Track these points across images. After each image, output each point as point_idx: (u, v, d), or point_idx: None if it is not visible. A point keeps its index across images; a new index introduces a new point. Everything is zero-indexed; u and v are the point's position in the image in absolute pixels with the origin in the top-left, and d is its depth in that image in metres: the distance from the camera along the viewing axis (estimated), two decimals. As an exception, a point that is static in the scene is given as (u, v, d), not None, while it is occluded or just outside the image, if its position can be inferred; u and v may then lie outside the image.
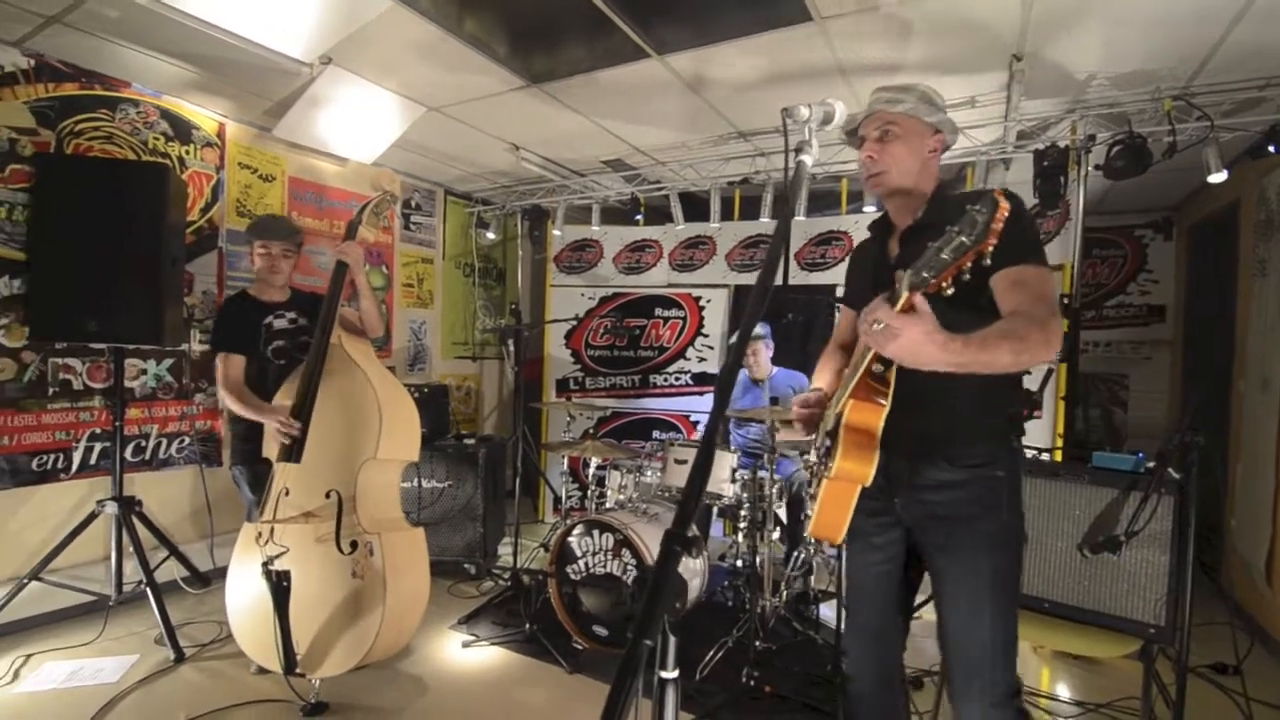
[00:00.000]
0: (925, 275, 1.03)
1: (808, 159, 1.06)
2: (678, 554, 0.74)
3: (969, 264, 0.96)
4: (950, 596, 1.44)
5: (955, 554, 1.43)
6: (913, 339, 1.08)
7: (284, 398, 2.51)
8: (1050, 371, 3.30)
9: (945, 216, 1.41)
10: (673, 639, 0.75)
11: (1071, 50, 2.76)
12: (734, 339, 0.89)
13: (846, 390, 1.35)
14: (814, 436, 1.63)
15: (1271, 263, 3.26)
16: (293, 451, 2.35)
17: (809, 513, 1.55)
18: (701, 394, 4.87)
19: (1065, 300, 3.43)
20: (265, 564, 2.21)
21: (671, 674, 0.76)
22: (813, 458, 1.65)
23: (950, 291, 1.01)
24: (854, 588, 1.64)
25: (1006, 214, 0.92)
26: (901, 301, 1.07)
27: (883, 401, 1.33)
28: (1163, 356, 5.12)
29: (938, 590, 1.47)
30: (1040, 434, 3.53)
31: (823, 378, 1.74)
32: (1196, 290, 4.70)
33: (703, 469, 0.78)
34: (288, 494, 2.40)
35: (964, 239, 0.94)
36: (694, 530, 0.71)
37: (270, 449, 2.46)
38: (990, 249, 0.94)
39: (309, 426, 2.37)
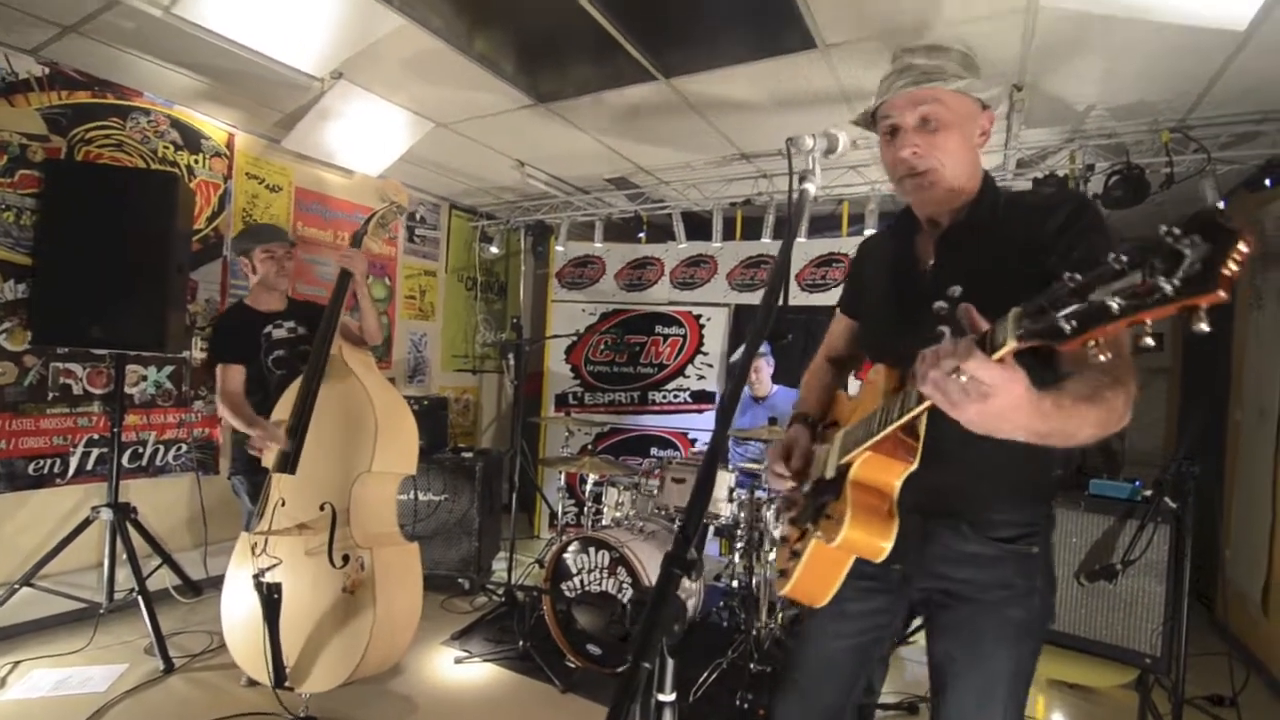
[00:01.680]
0: (1065, 326, 0.65)
1: (811, 187, 1.04)
2: (677, 577, 0.75)
3: (1150, 322, 0.61)
4: (958, 687, 1.19)
5: (971, 643, 1.18)
6: (1010, 403, 0.78)
7: (283, 407, 2.50)
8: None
9: (1005, 219, 1.16)
10: (671, 662, 0.75)
11: (1070, 82, 2.80)
12: (735, 357, 0.86)
13: (867, 442, 1.05)
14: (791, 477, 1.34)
15: (1268, 294, 3.29)
16: (288, 462, 2.34)
17: (782, 569, 1.27)
18: (700, 412, 4.87)
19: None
20: (256, 576, 2.19)
21: (669, 697, 0.76)
22: (784, 493, 1.38)
23: (1104, 359, 0.66)
24: (813, 660, 1.33)
25: (1245, 255, 0.54)
26: (1004, 350, 0.74)
27: (911, 459, 1.06)
28: (1160, 384, 5.13)
29: (940, 674, 1.23)
30: (1038, 459, 3.53)
31: (810, 399, 1.47)
32: (1194, 319, 4.73)
33: (704, 491, 0.79)
34: (283, 504, 2.39)
35: (1164, 285, 0.57)
36: (694, 553, 0.70)
37: (268, 458, 2.46)
38: (1206, 306, 0.57)
39: (305, 437, 2.36)
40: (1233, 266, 0.54)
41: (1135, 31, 2.33)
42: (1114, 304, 0.61)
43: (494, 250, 5.46)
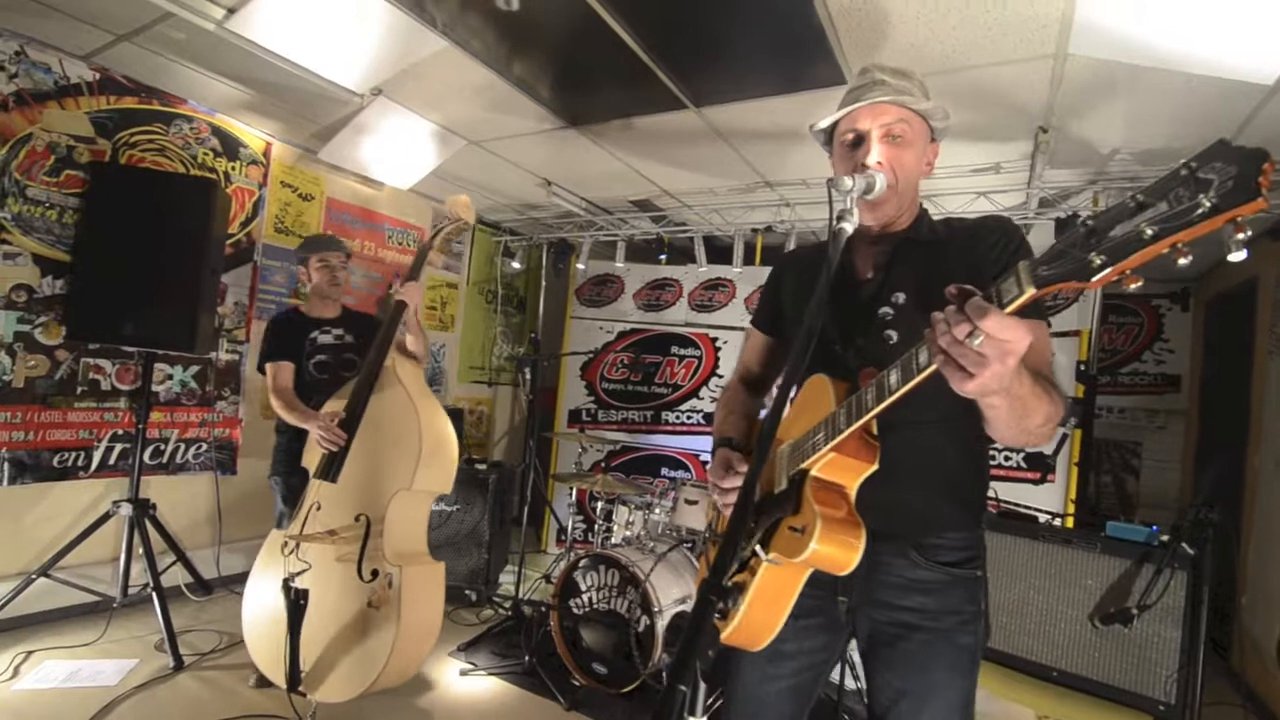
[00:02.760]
0: (1095, 260, 0.65)
1: (849, 227, 1.06)
2: (714, 603, 0.77)
3: (1187, 243, 0.61)
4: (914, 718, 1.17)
5: (923, 675, 1.16)
6: (1018, 354, 0.77)
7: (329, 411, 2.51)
8: (1065, 436, 3.32)
9: (942, 236, 1.22)
10: (703, 685, 0.77)
11: (1096, 126, 2.84)
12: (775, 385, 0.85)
13: (829, 442, 1.02)
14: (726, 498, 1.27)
15: (1289, 342, 3.28)
16: (331, 469, 2.34)
17: (729, 605, 1.13)
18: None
19: (1082, 367, 3.45)
20: (286, 580, 2.20)
21: (700, 720, 0.78)
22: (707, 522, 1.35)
23: (1134, 287, 0.67)
24: (748, 705, 1.26)
25: (1274, 165, 0.56)
26: (1024, 299, 0.73)
27: (872, 459, 1.05)
28: (1177, 426, 5.10)
29: (889, 707, 1.19)
30: (1053, 499, 3.51)
31: (730, 423, 1.42)
32: (1212, 363, 4.71)
33: (743, 517, 0.82)
34: (319, 509, 2.40)
35: (1203, 201, 0.58)
36: (731, 580, 0.71)
37: (310, 458, 2.46)
38: (1245, 215, 0.57)
39: (350, 448, 2.36)
40: (1267, 178, 0.56)
41: (1163, 80, 2.37)
42: (1148, 230, 0.62)
43: (516, 265, 5.53)
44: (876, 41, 2.34)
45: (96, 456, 3.22)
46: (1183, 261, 0.63)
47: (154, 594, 2.82)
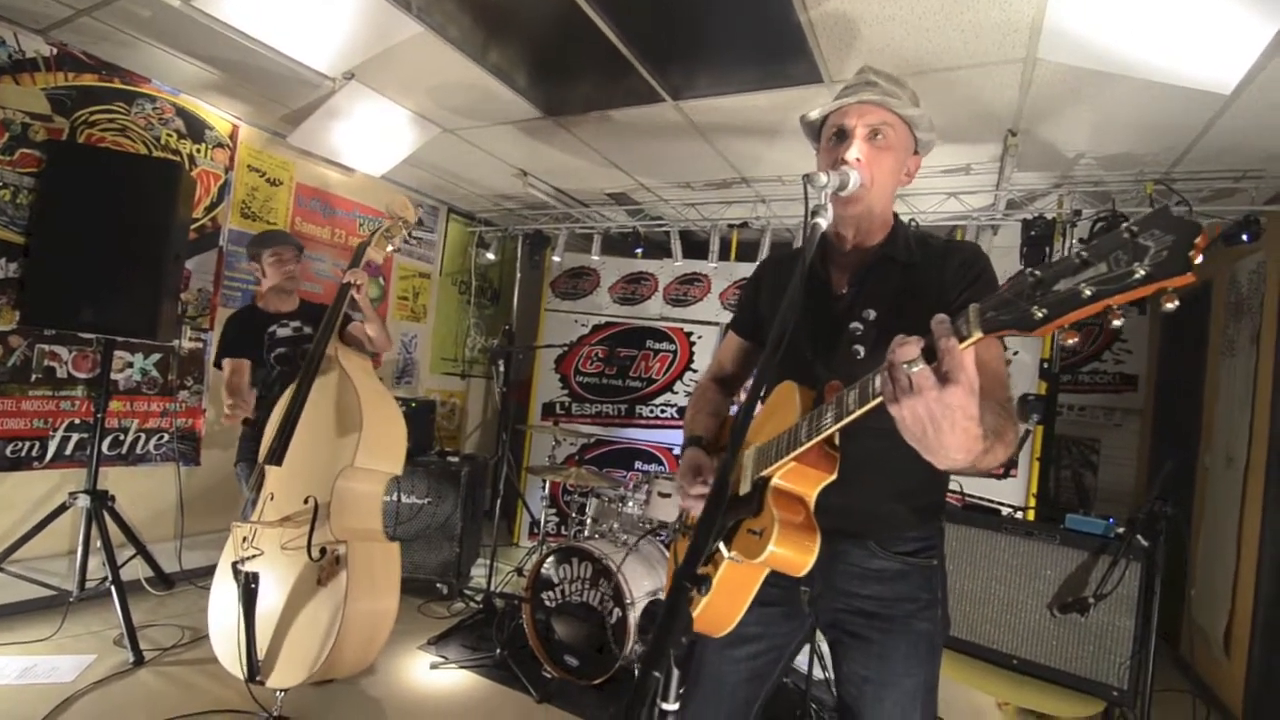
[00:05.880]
0: (1036, 314, 0.67)
1: (823, 222, 1.07)
2: (688, 590, 0.78)
3: (1122, 306, 0.64)
4: (876, 706, 1.20)
5: (883, 661, 1.20)
6: (960, 403, 0.75)
7: (282, 404, 2.52)
8: (1028, 432, 3.41)
9: (916, 255, 1.23)
10: (676, 672, 0.78)
11: (1063, 130, 2.91)
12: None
13: (789, 453, 1.04)
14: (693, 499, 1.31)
15: (1239, 343, 3.41)
16: (274, 452, 2.36)
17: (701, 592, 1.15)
18: (686, 428, 4.90)
19: (1045, 365, 3.55)
20: (235, 564, 2.19)
21: (672, 706, 0.79)
22: (681, 520, 1.39)
23: (1071, 341, 0.72)
24: (707, 685, 1.28)
25: (1206, 241, 0.60)
26: (970, 341, 0.74)
27: (831, 471, 1.08)
28: (1133, 424, 5.27)
29: (854, 694, 1.23)
30: (1015, 493, 3.61)
31: (700, 422, 1.45)
32: (1167, 363, 4.88)
33: (717, 508, 0.82)
34: (273, 499, 2.40)
35: (1137, 270, 0.61)
36: (704, 569, 0.71)
37: (264, 450, 2.47)
38: (1172, 287, 0.61)
39: (294, 432, 2.38)
40: (1198, 253, 0.60)
41: (1127, 88, 2.44)
42: (1086, 290, 0.64)
43: (490, 256, 5.48)
44: (853, 41, 2.37)
45: (52, 446, 3.12)
46: (1116, 323, 0.66)
47: (113, 588, 2.74)
